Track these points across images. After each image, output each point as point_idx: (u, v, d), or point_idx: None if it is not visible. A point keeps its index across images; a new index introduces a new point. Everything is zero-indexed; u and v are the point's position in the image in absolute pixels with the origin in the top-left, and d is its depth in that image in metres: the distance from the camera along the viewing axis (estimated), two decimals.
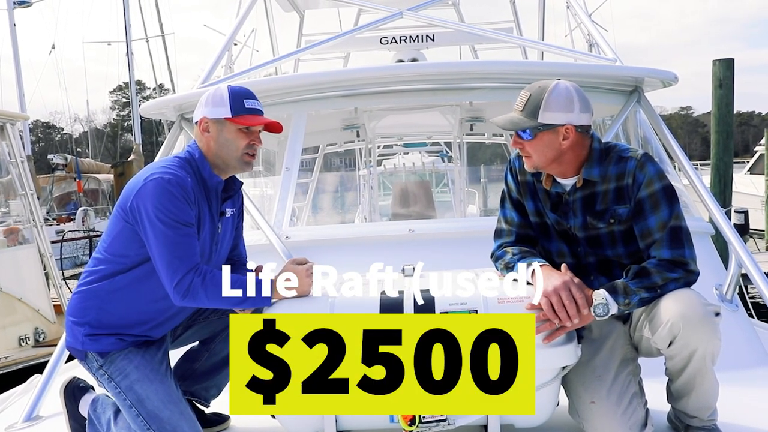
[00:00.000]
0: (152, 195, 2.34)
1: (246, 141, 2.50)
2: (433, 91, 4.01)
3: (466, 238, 3.45)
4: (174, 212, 2.33)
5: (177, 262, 2.33)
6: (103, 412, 2.62)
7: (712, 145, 10.99)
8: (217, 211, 2.60)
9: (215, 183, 2.55)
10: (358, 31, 5.52)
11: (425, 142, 14.58)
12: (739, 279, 3.54)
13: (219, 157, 2.52)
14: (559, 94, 2.31)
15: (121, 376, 2.45)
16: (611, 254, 2.44)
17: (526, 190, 2.55)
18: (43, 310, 7.66)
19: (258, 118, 2.52)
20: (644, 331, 2.31)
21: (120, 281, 2.46)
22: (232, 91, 2.50)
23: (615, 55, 4.46)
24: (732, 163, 10.92)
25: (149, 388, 2.43)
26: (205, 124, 2.51)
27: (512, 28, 7.45)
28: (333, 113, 6.02)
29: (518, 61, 6.34)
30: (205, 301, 2.36)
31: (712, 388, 2.27)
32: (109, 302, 2.46)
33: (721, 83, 10.62)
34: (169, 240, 2.33)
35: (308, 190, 9.46)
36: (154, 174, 2.38)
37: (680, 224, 2.32)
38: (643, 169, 2.34)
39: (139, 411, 2.41)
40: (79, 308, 2.49)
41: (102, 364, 2.47)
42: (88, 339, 2.47)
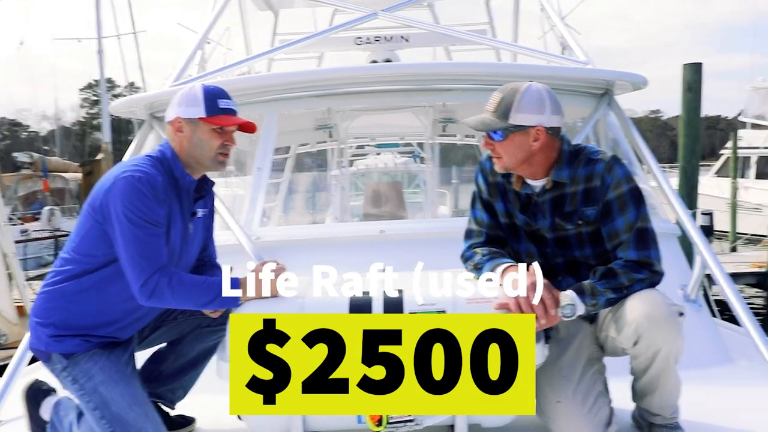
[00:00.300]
0: (122, 193, 2.31)
1: (220, 141, 2.48)
2: (407, 92, 4.02)
3: (436, 238, 3.46)
4: (143, 211, 2.31)
5: (144, 262, 2.31)
6: (65, 415, 2.57)
7: (680, 149, 11.14)
8: (189, 210, 2.58)
9: (187, 182, 2.53)
10: (332, 31, 5.51)
11: (398, 142, 14.57)
12: (703, 279, 3.61)
13: (192, 156, 2.50)
14: (530, 95, 2.34)
15: (86, 378, 2.41)
16: (579, 255, 2.47)
17: (497, 192, 2.57)
18: (5, 312, 7.51)
19: (232, 118, 2.50)
20: (610, 330, 2.34)
21: (87, 281, 2.43)
22: (206, 91, 2.48)
23: (587, 58, 4.50)
24: (699, 166, 11.08)
25: (114, 390, 2.40)
26: (178, 123, 2.48)
27: (486, 30, 7.49)
28: (305, 113, 6.00)
29: (491, 62, 6.37)
30: (171, 302, 2.36)
31: (675, 386, 2.32)
32: (75, 303, 2.43)
33: (690, 87, 10.77)
34: (136, 239, 2.31)
35: (280, 191, 9.42)
36: (125, 172, 2.36)
37: (647, 226, 2.36)
38: (612, 172, 2.37)
39: (104, 413, 2.37)
40: (44, 309, 2.46)
41: (66, 366, 2.43)
42: (53, 340, 2.43)
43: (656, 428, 2.40)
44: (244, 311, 2.33)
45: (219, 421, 2.78)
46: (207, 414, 2.88)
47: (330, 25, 7.16)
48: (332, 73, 3.88)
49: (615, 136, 4.26)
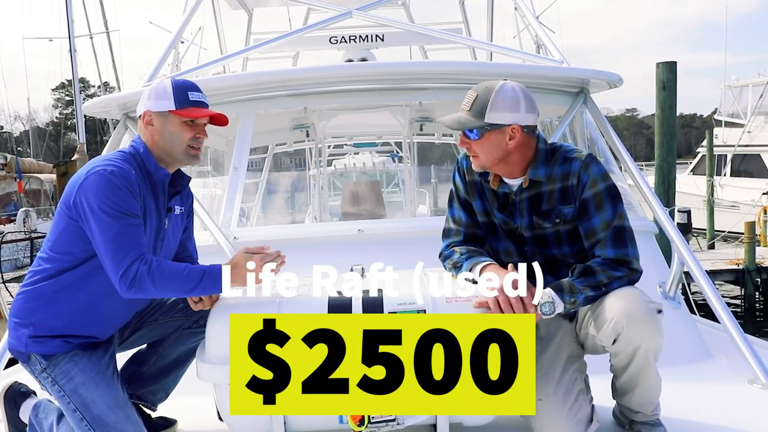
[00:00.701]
0: (95, 187, 2.28)
1: (191, 134, 2.46)
2: (383, 91, 4.01)
3: (415, 237, 3.46)
4: (117, 203, 2.27)
5: (122, 252, 2.26)
6: (45, 417, 2.54)
7: (656, 147, 11.22)
8: (164, 206, 2.54)
9: (162, 176, 2.49)
10: (307, 30, 5.50)
11: (375, 142, 14.60)
12: (681, 277, 3.63)
13: (164, 150, 2.47)
14: (505, 94, 2.33)
15: (66, 379, 2.38)
16: (557, 253, 2.48)
17: (474, 190, 2.57)
18: None
19: (202, 110, 2.47)
20: (589, 328, 2.34)
21: (65, 279, 2.39)
22: (176, 84, 2.47)
23: (562, 57, 4.52)
24: (675, 164, 11.16)
25: (95, 392, 2.37)
26: (148, 117, 2.46)
27: (461, 29, 7.50)
28: (282, 113, 5.98)
29: (467, 61, 6.39)
30: (152, 291, 2.30)
31: (655, 383, 2.32)
32: (54, 302, 2.40)
33: (665, 86, 10.85)
34: (113, 230, 2.27)
35: (257, 190, 9.38)
36: (96, 167, 2.33)
37: (624, 224, 2.36)
38: (588, 170, 2.37)
39: (84, 415, 2.34)
40: (23, 309, 2.42)
41: (45, 367, 2.40)
42: (32, 341, 2.39)
43: (637, 425, 2.41)
44: (223, 306, 2.33)
45: (200, 422, 2.75)
46: (188, 415, 2.85)
47: (304, 24, 7.14)
48: (308, 72, 3.86)
49: (591, 134, 4.28)
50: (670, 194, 10.84)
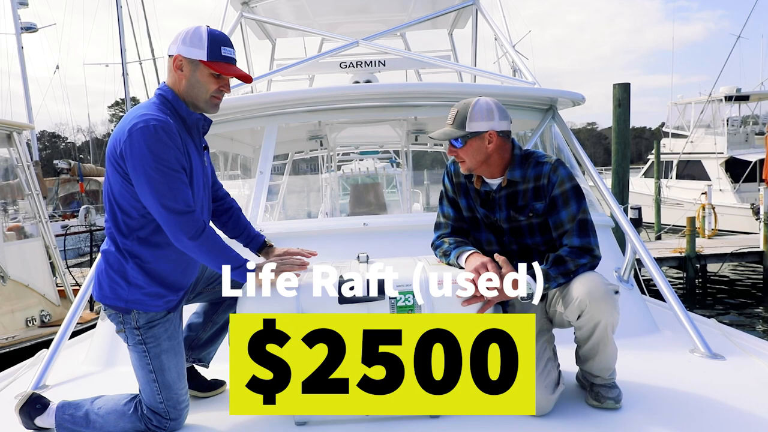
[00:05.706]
0: (141, 144, 2.03)
1: (216, 86, 2.22)
2: (384, 108, 4.00)
3: (411, 230, 3.45)
4: (166, 159, 2.05)
5: (180, 205, 2.07)
6: (75, 410, 2.31)
7: (613, 154, 11.21)
8: (201, 146, 2.33)
9: (195, 119, 2.27)
10: (321, 56, 5.49)
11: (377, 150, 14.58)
12: (634, 263, 3.61)
13: (188, 95, 2.23)
14: (480, 107, 2.36)
15: (154, 344, 2.22)
16: (530, 242, 2.47)
17: (460, 190, 2.57)
18: (49, 295, 7.42)
19: (231, 67, 2.21)
20: (558, 306, 2.34)
21: (156, 238, 2.20)
22: (211, 35, 2.18)
23: (534, 79, 4.52)
24: (629, 169, 11.15)
25: (172, 361, 2.25)
26: (179, 61, 2.19)
27: (450, 55, 7.50)
28: (300, 126, 5.96)
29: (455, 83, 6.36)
30: (198, 251, 2.12)
31: (613, 352, 2.31)
32: (152, 258, 2.21)
33: (620, 103, 10.82)
34: (160, 186, 2.05)
35: (279, 191, 9.39)
36: (137, 123, 2.07)
37: (586, 217, 2.36)
38: (556, 172, 2.37)
39: (157, 377, 2.22)
40: (120, 267, 2.20)
41: (140, 326, 2.22)
42: (136, 299, 2.20)
43: (596, 387, 2.40)
44: (247, 305, 2.15)
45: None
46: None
47: (319, 52, 7.13)
48: (322, 92, 3.84)
49: (558, 143, 4.26)
50: (624, 194, 10.83)
